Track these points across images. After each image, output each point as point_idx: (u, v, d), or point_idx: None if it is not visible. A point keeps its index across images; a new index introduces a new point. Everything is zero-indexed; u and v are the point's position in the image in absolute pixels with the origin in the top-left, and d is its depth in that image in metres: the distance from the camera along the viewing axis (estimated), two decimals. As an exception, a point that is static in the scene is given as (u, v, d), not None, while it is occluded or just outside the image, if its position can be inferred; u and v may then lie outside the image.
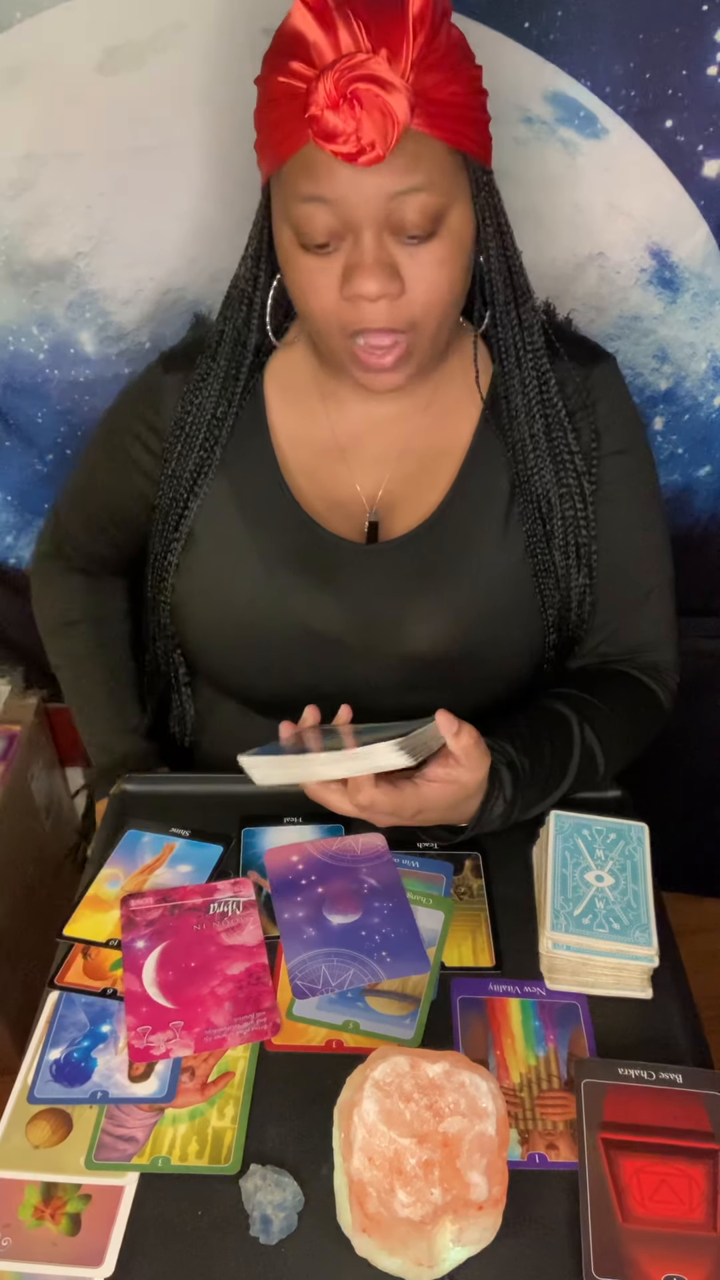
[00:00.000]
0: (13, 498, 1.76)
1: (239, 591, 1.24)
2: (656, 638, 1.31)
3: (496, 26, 1.31)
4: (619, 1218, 0.86)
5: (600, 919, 1.04)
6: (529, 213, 1.40)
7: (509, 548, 1.22)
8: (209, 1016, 1.01)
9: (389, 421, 1.24)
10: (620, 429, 1.25)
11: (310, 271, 1.07)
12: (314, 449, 1.25)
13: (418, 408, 1.24)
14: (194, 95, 1.38)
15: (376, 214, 1.02)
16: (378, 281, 1.03)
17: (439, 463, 1.24)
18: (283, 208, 1.07)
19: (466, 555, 1.22)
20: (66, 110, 1.40)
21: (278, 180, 1.07)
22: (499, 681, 1.27)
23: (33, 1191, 0.90)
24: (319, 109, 0.98)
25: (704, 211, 1.42)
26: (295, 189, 1.04)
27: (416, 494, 1.23)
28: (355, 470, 1.25)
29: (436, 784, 1.05)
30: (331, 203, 1.02)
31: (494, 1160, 0.83)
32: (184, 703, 1.43)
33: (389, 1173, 0.81)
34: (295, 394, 1.26)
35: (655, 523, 1.29)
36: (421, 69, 0.98)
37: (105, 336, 1.58)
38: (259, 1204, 0.86)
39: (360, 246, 1.04)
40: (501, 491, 1.22)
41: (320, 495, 1.25)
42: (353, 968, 1.05)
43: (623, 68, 1.32)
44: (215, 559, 1.26)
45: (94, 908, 1.12)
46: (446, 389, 1.23)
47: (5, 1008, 1.78)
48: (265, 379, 1.27)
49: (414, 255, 1.05)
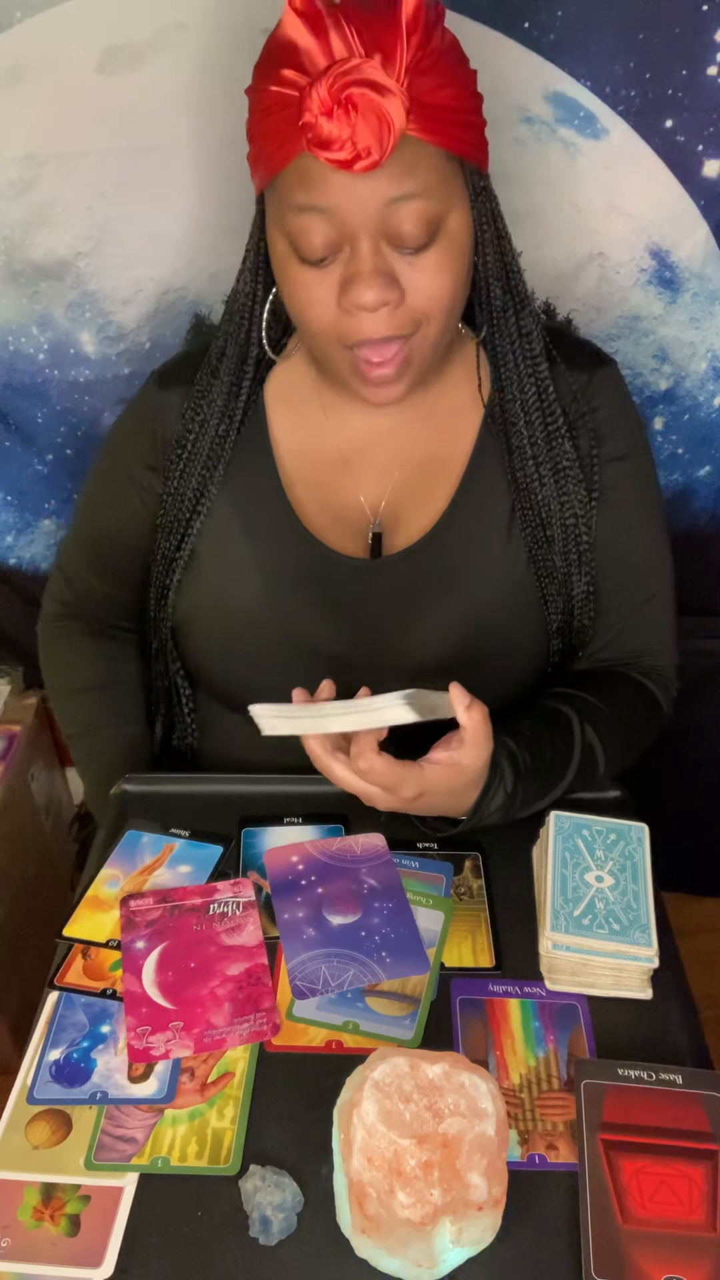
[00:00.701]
0: (13, 498, 1.76)
1: (241, 610, 1.24)
2: (658, 642, 1.31)
3: (496, 26, 1.31)
4: (619, 1218, 0.85)
5: (600, 919, 1.04)
6: (529, 213, 1.40)
7: (511, 555, 1.22)
8: (208, 1017, 1.01)
9: (391, 431, 1.23)
10: (621, 435, 1.24)
11: (307, 284, 1.06)
12: (317, 461, 1.25)
13: (419, 416, 1.23)
14: (194, 95, 1.38)
15: (373, 222, 1.01)
16: (376, 291, 1.02)
17: (441, 471, 1.23)
18: (278, 219, 1.06)
19: (470, 565, 1.22)
20: (66, 110, 1.40)
21: (272, 192, 1.06)
22: (503, 689, 1.25)
23: (32, 1192, 0.90)
24: (313, 116, 0.97)
25: (704, 211, 1.42)
26: (290, 199, 1.03)
27: (419, 503, 1.23)
28: (359, 481, 1.24)
29: (439, 766, 1.05)
30: (327, 212, 1.01)
31: (494, 1161, 0.82)
32: (186, 715, 1.41)
33: (388, 1173, 0.80)
34: (296, 407, 1.25)
35: (657, 528, 1.29)
36: (416, 73, 0.97)
37: (105, 336, 1.58)
38: (258, 1205, 0.86)
39: (358, 256, 1.02)
40: (503, 499, 1.22)
41: (323, 508, 1.24)
42: (352, 968, 1.05)
43: (623, 68, 1.32)
44: (217, 577, 1.25)
45: (93, 908, 1.12)
46: (447, 397, 1.23)
47: (5, 1008, 1.78)
48: (266, 393, 1.26)
49: (413, 263, 1.04)
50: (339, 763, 1.06)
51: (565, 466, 1.21)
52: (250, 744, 1.25)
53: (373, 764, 1.02)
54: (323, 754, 1.06)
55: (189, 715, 1.41)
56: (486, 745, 1.06)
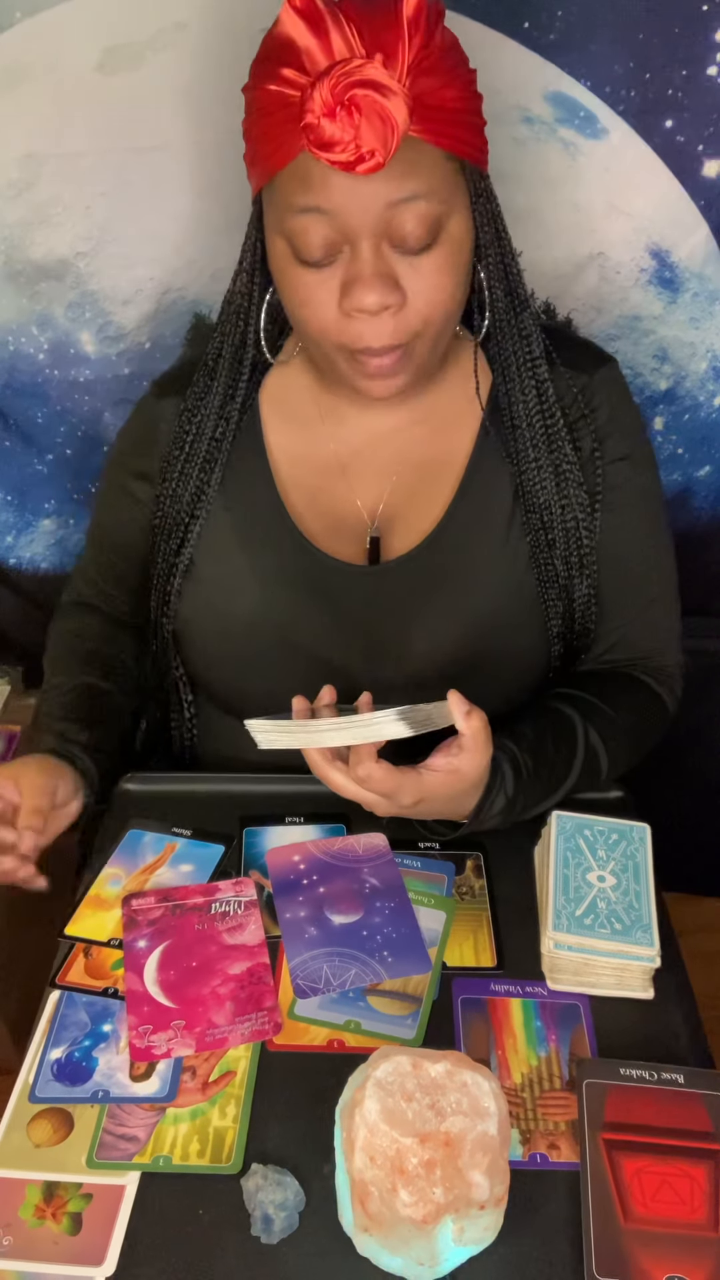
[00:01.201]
0: (13, 498, 1.76)
1: (240, 618, 1.23)
2: (661, 643, 1.31)
3: (496, 26, 1.31)
4: (620, 1218, 0.85)
5: (602, 919, 1.04)
6: (529, 213, 1.40)
7: (511, 559, 1.21)
8: (210, 1016, 1.01)
9: (388, 435, 1.23)
10: (622, 435, 1.23)
11: (307, 286, 1.05)
12: (313, 467, 1.24)
13: (416, 420, 1.22)
14: (194, 95, 1.38)
15: (375, 223, 1.00)
16: (378, 294, 1.02)
17: (439, 475, 1.22)
18: (276, 220, 1.05)
19: (469, 569, 1.21)
20: (66, 110, 1.40)
21: (270, 192, 1.05)
22: (505, 694, 1.25)
23: (34, 1191, 0.90)
24: (315, 117, 0.96)
25: (704, 211, 1.42)
26: (289, 201, 1.02)
27: (417, 508, 1.22)
28: (356, 486, 1.24)
29: (438, 773, 1.03)
30: (328, 213, 1.00)
31: (496, 1160, 0.82)
32: (185, 719, 1.40)
33: (391, 1172, 0.80)
34: (292, 412, 1.25)
35: (659, 528, 1.28)
36: (418, 73, 0.97)
37: (105, 336, 1.58)
38: (260, 1203, 0.86)
39: (359, 258, 1.02)
40: (503, 502, 1.21)
41: (320, 514, 1.23)
42: (354, 967, 1.05)
43: (623, 68, 1.32)
44: (215, 584, 1.25)
45: (95, 907, 1.12)
46: (445, 400, 1.22)
47: (5, 1008, 1.77)
48: (261, 399, 1.26)
49: (414, 265, 1.03)
50: (338, 770, 1.05)
51: (566, 469, 1.20)
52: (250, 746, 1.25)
53: (371, 771, 1.00)
54: (321, 762, 1.05)
55: (190, 719, 1.40)
56: (486, 751, 1.04)
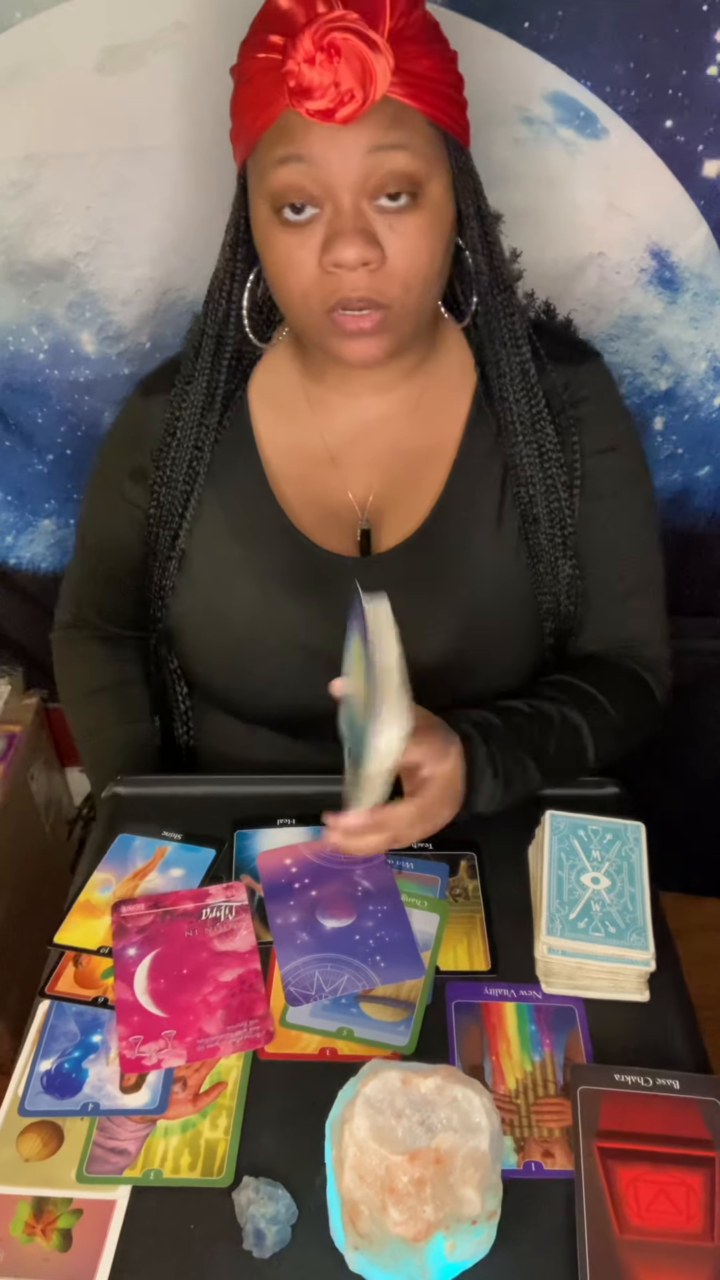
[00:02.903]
0: (13, 498, 1.76)
1: (233, 612, 1.23)
2: (647, 633, 1.31)
3: (496, 26, 1.30)
4: (615, 1228, 0.85)
5: (596, 923, 1.04)
6: (529, 213, 1.40)
7: (502, 545, 1.22)
8: (201, 1025, 1.00)
9: (377, 424, 1.23)
10: (607, 427, 1.24)
11: (288, 247, 1.06)
12: (303, 458, 1.24)
13: (404, 409, 1.23)
14: (194, 95, 1.37)
15: (355, 175, 1.01)
16: (357, 248, 1.02)
17: (429, 464, 1.23)
18: (259, 181, 1.06)
19: (462, 558, 1.21)
20: (66, 110, 1.40)
21: (254, 158, 1.07)
22: (499, 681, 1.25)
23: (24, 1206, 0.89)
24: (295, 64, 0.97)
25: (704, 211, 1.41)
26: (271, 155, 1.03)
27: (408, 498, 1.23)
28: (346, 476, 1.24)
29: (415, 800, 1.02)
30: (309, 162, 1.01)
31: (487, 1175, 0.82)
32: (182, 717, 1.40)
33: (380, 1190, 0.80)
34: (281, 404, 1.25)
35: (646, 519, 1.29)
36: (399, 39, 0.98)
37: (105, 336, 1.58)
38: (252, 1217, 0.85)
39: (339, 214, 1.03)
40: (493, 488, 1.21)
41: (311, 506, 1.23)
42: (347, 973, 1.05)
43: (623, 68, 1.32)
44: (209, 579, 1.25)
45: (85, 914, 1.12)
46: (432, 388, 1.23)
47: (5, 1008, 1.77)
48: (250, 393, 1.26)
49: (394, 225, 1.04)
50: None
51: (548, 450, 1.21)
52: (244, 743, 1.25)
53: (353, 822, 0.99)
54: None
55: (185, 715, 1.40)
56: (445, 743, 1.04)
